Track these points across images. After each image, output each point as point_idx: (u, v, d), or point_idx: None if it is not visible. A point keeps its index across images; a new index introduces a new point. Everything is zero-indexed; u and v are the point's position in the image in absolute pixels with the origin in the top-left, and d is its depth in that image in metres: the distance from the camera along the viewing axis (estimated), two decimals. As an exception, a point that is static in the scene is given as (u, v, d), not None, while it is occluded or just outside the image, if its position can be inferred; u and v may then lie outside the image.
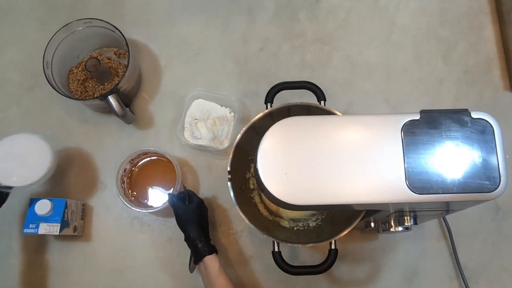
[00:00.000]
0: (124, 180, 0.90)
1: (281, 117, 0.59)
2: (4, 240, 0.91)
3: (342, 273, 0.88)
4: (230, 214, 0.91)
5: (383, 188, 0.55)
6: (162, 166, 0.91)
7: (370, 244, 0.89)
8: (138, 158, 0.92)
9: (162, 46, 1.01)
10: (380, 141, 0.56)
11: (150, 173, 0.92)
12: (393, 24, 1.01)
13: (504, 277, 0.87)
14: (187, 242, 0.80)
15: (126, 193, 0.89)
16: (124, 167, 0.89)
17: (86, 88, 0.96)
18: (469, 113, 0.56)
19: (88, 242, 0.90)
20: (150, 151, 0.89)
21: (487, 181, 0.54)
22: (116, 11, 1.03)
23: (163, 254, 0.89)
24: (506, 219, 0.89)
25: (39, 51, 0.89)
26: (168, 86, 0.98)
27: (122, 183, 0.89)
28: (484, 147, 0.55)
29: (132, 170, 0.92)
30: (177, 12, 1.03)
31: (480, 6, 1.01)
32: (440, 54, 0.99)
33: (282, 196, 0.55)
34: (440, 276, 0.87)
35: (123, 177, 0.89)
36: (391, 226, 0.73)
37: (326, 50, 1.00)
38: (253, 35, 1.01)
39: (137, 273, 0.88)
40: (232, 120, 0.93)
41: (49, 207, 0.82)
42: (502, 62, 0.98)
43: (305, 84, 0.81)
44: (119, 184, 0.87)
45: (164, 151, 0.88)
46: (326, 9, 1.02)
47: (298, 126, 0.58)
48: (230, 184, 0.75)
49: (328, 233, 0.78)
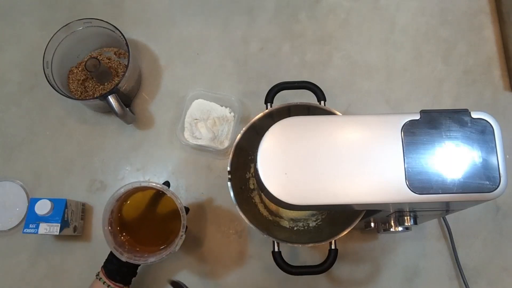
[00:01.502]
0: (112, 222, 0.75)
1: (281, 117, 0.59)
2: (4, 240, 0.91)
3: (342, 273, 0.88)
4: (230, 214, 0.91)
5: (383, 188, 0.55)
6: (161, 203, 0.79)
7: (370, 244, 0.89)
8: (126, 194, 0.77)
9: (162, 46, 1.01)
10: (380, 141, 0.56)
11: (144, 208, 0.79)
12: (393, 24, 1.01)
13: (504, 277, 0.87)
14: None
15: (117, 239, 0.75)
16: (111, 208, 0.74)
17: (86, 88, 0.96)
18: (469, 113, 0.56)
19: (88, 242, 0.90)
20: (145, 186, 0.75)
21: (487, 181, 0.54)
22: (116, 11, 1.03)
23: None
24: (506, 219, 0.90)
25: (39, 51, 0.89)
26: (168, 86, 0.98)
27: (109, 227, 0.74)
28: (484, 147, 0.55)
29: (122, 205, 0.77)
30: (177, 12, 1.03)
31: (480, 6, 1.02)
32: (440, 54, 0.99)
33: (282, 196, 0.55)
34: (440, 276, 0.87)
35: (110, 219, 0.75)
36: (391, 226, 0.73)
37: (326, 50, 1.00)
38: (253, 35, 1.01)
39: (137, 273, 0.89)
40: (232, 120, 0.93)
41: (49, 207, 0.82)
42: (502, 62, 0.98)
43: (305, 84, 0.81)
44: (106, 230, 0.73)
45: (163, 187, 0.74)
46: (326, 9, 1.02)
47: (298, 126, 0.58)
48: (230, 184, 0.75)
49: (328, 233, 0.78)
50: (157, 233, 0.79)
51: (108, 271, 0.76)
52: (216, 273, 0.88)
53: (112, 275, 0.76)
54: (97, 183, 0.93)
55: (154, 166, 0.94)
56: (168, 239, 0.78)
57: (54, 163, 0.94)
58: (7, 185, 0.92)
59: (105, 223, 0.73)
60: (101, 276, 0.76)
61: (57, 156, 0.95)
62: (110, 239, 0.73)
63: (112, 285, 0.75)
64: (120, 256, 0.73)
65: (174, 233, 0.77)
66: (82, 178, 0.93)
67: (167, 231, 0.79)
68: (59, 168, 0.94)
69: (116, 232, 0.76)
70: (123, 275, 0.77)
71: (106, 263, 0.77)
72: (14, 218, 0.90)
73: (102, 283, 0.75)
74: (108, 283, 0.75)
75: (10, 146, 0.96)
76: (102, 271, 0.77)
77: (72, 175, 0.94)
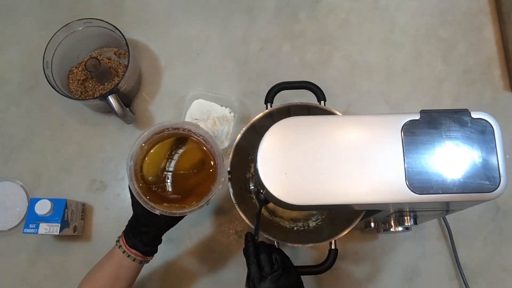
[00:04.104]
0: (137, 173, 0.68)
1: (281, 117, 0.59)
2: (4, 240, 0.91)
3: (342, 273, 0.88)
4: (230, 214, 0.91)
5: (383, 188, 0.55)
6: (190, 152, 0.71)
7: (370, 244, 0.89)
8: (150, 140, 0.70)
9: (162, 46, 1.01)
10: (380, 141, 0.56)
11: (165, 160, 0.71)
12: (393, 24, 1.01)
13: (504, 277, 0.87)
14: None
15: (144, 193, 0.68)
16: (135, 157, 0.68)
17: (86, 88, 0.96)
18: (469, 113, 0.56)
19: (88, 242, 0.90)
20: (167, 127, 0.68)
21: (487, 181, 0.54)
22: (116, 11, 1.03)
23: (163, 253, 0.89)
24: (506, 219, 0.89)
25: (39, 51, 0.89)
26: (168, 86, 0.98)
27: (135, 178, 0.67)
28: (484, 147, 0.55)
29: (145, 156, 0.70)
30: (177, 12, 1.03)
31: (480, 6, 1.01)
32: (440, 54, 0.99)
33: (282, 196, 0.55)
34: (440, 276, 0.87)
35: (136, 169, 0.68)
36: (391, 226, 0.73)
37: (326, 50, 1.00)
38: (253, 35, 1.01)
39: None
40: (232, 120, 0.93)
41: (49, 207, 0.82)
42: (502, 62, 0.98)
43: (305, 84, 0.81)
44: (134, 183, 0.67)
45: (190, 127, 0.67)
46: (326, 9, 1.02)
47: (298, 126, 0.58)
48: (230, 184, 0.75)
49: (328, 233, 0.78)
50: (184, 188, 0.72)
51: (130, 238, 0.68)
52: (216, 273, 0.88)
53: (134, 242, 0.67)
54: (97, 183, 0.93)
55: (154, 166, 0.94)
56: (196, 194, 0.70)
57: (54, 163, 0.94)
58: (7, 185, 0.92)
59: (131, 175, 0.67)
60: (121, 243, 0.68)
61: (57, 156, 0.95)
62: (138, 190, 0.66)
63: (133, 255, 0.67)
64: (153, 209, 0.65)
65: (201, 185, 0.70)
66: (82, 178, 0.93)
67: (194, 185, 0.72)
68: (59, 168, 0.94)
69: (142, 186, 0.68)
70: (147, 241, 0.68)
71: (127, 230, 0.69)
72: (14, 218, 0.90)
73: (122, 251, 0.67)
74: (129, 253, 0.67)
75: (10, 146, 0.96)
76: (122, 238, 0.68)
77: (72, 175, 0.94)
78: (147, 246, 0.69)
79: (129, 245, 0.68)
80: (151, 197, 0.68)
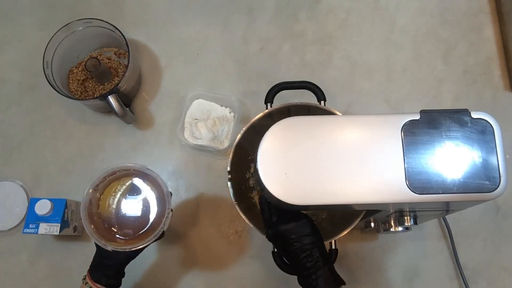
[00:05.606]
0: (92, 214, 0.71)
1: (281, 117, 0.59)
2: (4, 240, 0.91)
3: (342, 273, 0.87)
4: (230, 214, 0.91)
5: (383, 188, 0.55)
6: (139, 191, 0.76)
7: (370, 244, 0.89)
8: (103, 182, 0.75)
9: (162, 46, 1.01)
10: (380, 141, 0.56)
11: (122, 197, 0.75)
12: (393, 24, 1.01)
13: (504, 277, 0.87)
14: None
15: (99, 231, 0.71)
16: (89, 199, 0.72)
17: (86, 88, 0.96)
18: (469, 113, 0.56)
19: (88, 242, 0.90)
20: (119, 169, 0.73)
21: (487, 181, 0.54)
22: (116, 11, 1.03)
23: (163, 253, 0.89)
24: (506, 219, 0.89)
25: (39, 51, 0.89)
26: (168, 86, 0.98)
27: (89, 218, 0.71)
28: (484, 147, 0.55)
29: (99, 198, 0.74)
30: (177, 12, 1.03)
31: (480, 6, 1.01)
32: (440, 54, 0.99)
33: (282, 196, 0.55)
34: (440, 276, 0.87)
35: (90, 209, 0.72)
36: (391, 226, 0.73)
37: (326, 50, 1.00)
38: (253, 35, 1.01)
39: (137, 272, 0.88)
40: (232, 120, 0.93)
41: (49, 207, 0.82)
42: (502, 62, 0.98)
43: (305, 84, 0.81)
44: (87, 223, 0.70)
45: (142, 166, 0.73)
46: (326, 9, 1.02)
47: (298, 126, 0.58)
48: (230, 184, 0.75)
49: (328, 233, 0.78)
50: (139, 222, 0.74)
51: (94, 272, 0.72)
52: (216, 273, 0.88)
53: (98, 276, 0.71)
54: (97, 183, 0.93)
55: (154, 166, 0.93)
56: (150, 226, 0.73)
57: (54, 163, 0.94)
58: (7, 185, 0.92)
59: (84, 215, 0.70)
60: (87, 280, 0.72)
61: (57, 156, 0.95)
62: (91, 230, 0.70)
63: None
64: (105, 246, 0.68)
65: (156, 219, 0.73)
66: (82, 178, 0.93)
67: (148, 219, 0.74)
68: (59, 168, 0.94)
69: (97, 224, 0.72)
70: (109, 275, 0.72)
71: (92, 265, 0.73)
72: (14, 218, 0.90)
73: (88, 287, 0.71)
74: (94, 287, 0.71)
75: (10, 146, 0.96)
76: (88, 273, 0.73)
77: (72, 175, 0.94)
78: (110, 279, 0.72)
79: (93, 279, 0.71)
80: (106, 233, 0.73)
